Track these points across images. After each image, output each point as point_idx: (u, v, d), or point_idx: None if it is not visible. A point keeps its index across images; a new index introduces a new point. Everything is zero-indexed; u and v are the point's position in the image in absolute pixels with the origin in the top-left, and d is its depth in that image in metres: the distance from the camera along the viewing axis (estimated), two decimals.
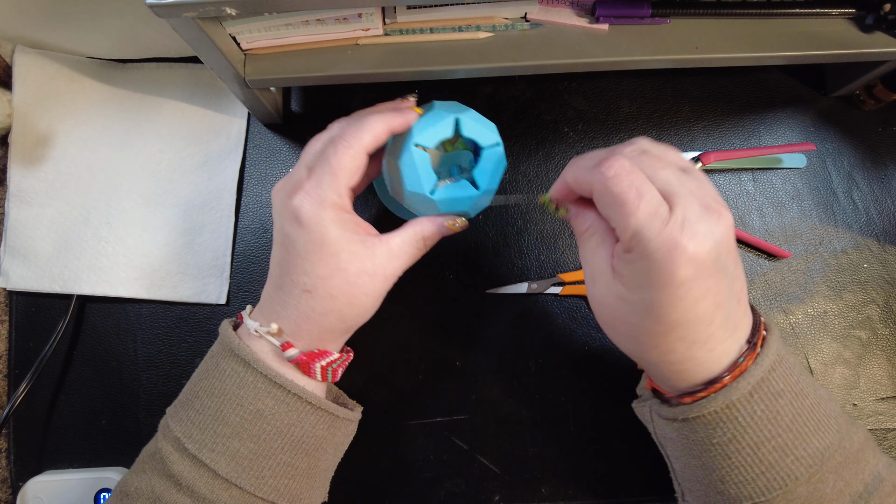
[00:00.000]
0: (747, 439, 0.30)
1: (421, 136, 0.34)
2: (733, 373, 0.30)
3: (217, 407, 0.33)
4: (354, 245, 0.34)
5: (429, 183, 0.35)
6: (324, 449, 0.36)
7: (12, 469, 0.45)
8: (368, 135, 0.34)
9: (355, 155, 0.33)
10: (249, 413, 0.33)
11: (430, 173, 0.35)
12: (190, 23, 0.32)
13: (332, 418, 0.36)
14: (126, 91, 0.48)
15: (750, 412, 0.30)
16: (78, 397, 0.45)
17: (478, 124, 0.36)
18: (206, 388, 0.34)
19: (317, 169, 0.33)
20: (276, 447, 0.34)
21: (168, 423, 0.35)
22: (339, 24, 0.37)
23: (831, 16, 0.40)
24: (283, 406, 0.34)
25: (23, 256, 0.45)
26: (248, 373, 0.34)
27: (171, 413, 0.35)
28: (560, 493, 0.44)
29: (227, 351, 0.34)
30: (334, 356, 0.36)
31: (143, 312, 0.46)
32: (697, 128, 0.49)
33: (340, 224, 0.33)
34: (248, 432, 0.33)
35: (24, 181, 0.46)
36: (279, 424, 0.34)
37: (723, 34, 0.39)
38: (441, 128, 0.35)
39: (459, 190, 0.36)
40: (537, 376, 0.45)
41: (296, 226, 0.33)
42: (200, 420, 0.33)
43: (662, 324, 0.29)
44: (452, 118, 0.35)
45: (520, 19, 0.39)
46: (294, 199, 0.33)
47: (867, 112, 0.49)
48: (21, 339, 0.46)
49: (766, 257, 0.47)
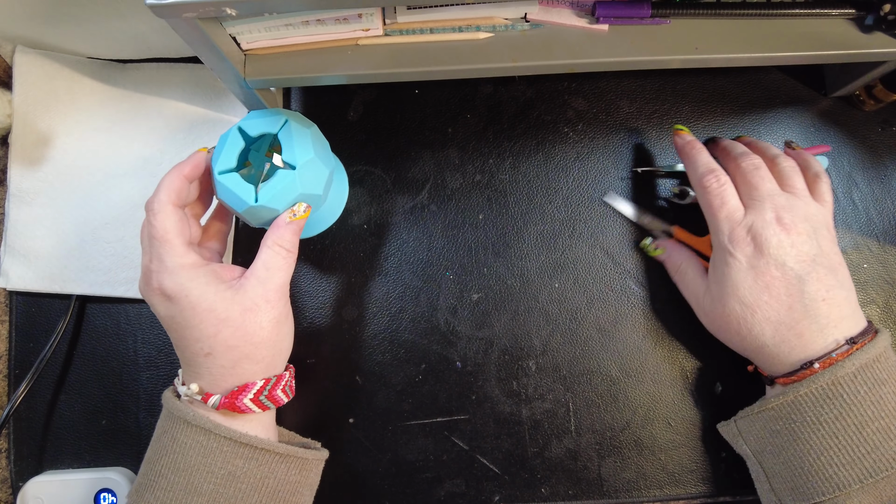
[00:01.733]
0: (852, 418, 0.34)
1: (219, 165, 0.36)
2: (823, 361, 0.35)
3: (186, 481, 0.34)
4: (222, 293, 0.35)
5: (248, 196, 0.35)
6: (300, 492, 0.38)
7: (12, 469, 0.45)
8: (165, 193, 0.35)
9: (167, 216, 0.35)
10: (221, 477, 0.34)
11: (245, 187, 0.36)
12: (190, 23, 0.32)
13: (303, 462, 0.38)
14: (126, 91, 0.47)
15: (854, 391, 0.34)
16: (78, 397, 0.45)
17: (260, 118, 0.37)
18: (170, 465, 0.35)
19: (150, 249, 0.35)
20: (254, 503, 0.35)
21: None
22: (339, 25, 0.37)
23: (831, 16, 0.40)
24: (254, 462, 0.35)
25: (23, 257, 0.45)
26: (211, 439, 0.35)
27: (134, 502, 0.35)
28: (560, 494, 0.44)
29: (182, 423, 0.35)
30: (258, 384, 0.36)
31: (143, 313, 0.46)
32: (698, 128, 0.49)
33: (200, 280, 0.35)
34: (224, 496, 0.34)
35: (24, 181, 0.46)
36: (253, 481, 0.35)
37: (723, 34, 0.39)
38: (230, 146, 0.36)
39: (280, 180, 0.36)
40: (537, 376, 0.45)
41: (166, 303, 0.35)
42: (171, 498, 0.34)
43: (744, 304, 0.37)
44: (235, 129, 0.37)
45: (520, 20, 0.39)
46: (152, 283, 0.35)
47: (867, 112, 0.49)
48: (21, 340, 0.46)
49: None
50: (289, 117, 0.37)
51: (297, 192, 0.36)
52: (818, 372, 0.35)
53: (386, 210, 0.47)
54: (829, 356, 0.35)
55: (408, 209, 0.47)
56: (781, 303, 0.36)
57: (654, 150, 0.48)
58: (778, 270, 0.36)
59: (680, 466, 0.44)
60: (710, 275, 0.40)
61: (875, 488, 0.34)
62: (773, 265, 0.36)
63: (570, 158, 0.48)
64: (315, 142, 0.37)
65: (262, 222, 0.37)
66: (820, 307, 0.36)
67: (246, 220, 0.37)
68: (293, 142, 0.36)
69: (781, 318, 0.36)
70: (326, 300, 0.46)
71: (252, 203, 0.35)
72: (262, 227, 0.38)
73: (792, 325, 0.36)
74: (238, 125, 0.37)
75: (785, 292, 0.36)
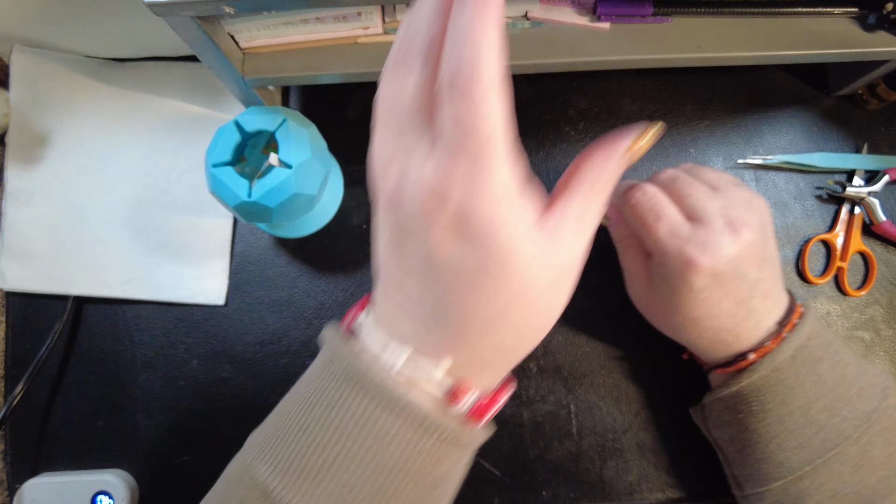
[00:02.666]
0: (796, 401, 0.34)
1: (213, 157, 0.36)
2: (757, 351, 0.35)
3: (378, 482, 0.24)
4: (542, 241, 0.23)
5: (242, 190, 0.35)
6: None
7: (9, 471, 0.44)
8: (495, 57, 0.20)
9: (499, 100, 0.21)
10: (426, 485, 0.25)
11: (239, 182, 0.35)
12: (188, 21, 0.32)
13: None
14: (124, 90, 0.47)
15: (795, 374, 0.34)
16: (75, 399, 0.45)
17: (258, 115, 0.37)
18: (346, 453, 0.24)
19: (453, 149, 0.21)
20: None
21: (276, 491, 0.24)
22: (339, 23, 0.37)
23: (834, 15, 0.40)
24: (459, 466, 0.28)
25: (19, 257, 0.45)
26: (425, 438, 0.24)
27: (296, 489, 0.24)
28: (561, 497, 0.44)
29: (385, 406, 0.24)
30: (508, 393, 0.28)
31: (140, 313, 0.46)
32: (700, 127, 0.48)
33: (519, 216, 0.22)
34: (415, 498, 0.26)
35: (20, 181, 0.46)
36: (453, 485, 0.28)
37: (725, 33, 0.39)
38: (226, 140, 0.36)
39: (275, 178, 0.35)
40: (538, 378, 0.45)
41: (457, 242, 0.22)
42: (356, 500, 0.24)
43: (689, 319, 0.35)
44: (232, 123, 0.36)
45: (520, 18, 0.39)
46: (446, 206, 0.22)
47: (870, 111, 0.49)
48: (18, 341, 0.45)
49: None
50: (287, 116, 0.37)
51: (291, 191, 0.36)
52: (756, 361, 0.35)
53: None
54: (762, 345, 0.35)
55: None
56: (727, 313, 0.34)
57: (654, 149, 0.48)
58: (733, 283, 0.33)
59: (682, 469, 0.44)
60: (653, 279, 0.37)
61: (826, 467, 0.33)
62: (728, 279, 0.33)
63: (571, 157, 0.47)
64: (312, 142, 0.37)
65: (253, 219, 0.37)
66: (759, 305, 0.35)
67: (237, 215, 0.37)
68: (290, 141, 0.36)
69: (724, 325, 0.35)
70: (326, 300, 0.46)
71: (245, 198, 0.35)
72: (253, 223, 0.38)
73: (731, 328, 0.35)
74: (235, 119, 0.37)
75: (734, 302, 0.34)
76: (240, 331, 0.45)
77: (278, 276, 0.46)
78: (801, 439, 0.34)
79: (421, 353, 0.25)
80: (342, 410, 0.25)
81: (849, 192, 0.46)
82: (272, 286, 0.46)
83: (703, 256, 0.32)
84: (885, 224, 0.46)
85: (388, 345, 0.25)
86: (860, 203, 0.47)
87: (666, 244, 0.34)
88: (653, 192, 0.35)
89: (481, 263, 0.22)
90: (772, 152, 0.48)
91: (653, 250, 0.35)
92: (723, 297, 0.34)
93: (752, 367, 0.35)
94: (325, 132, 0.41)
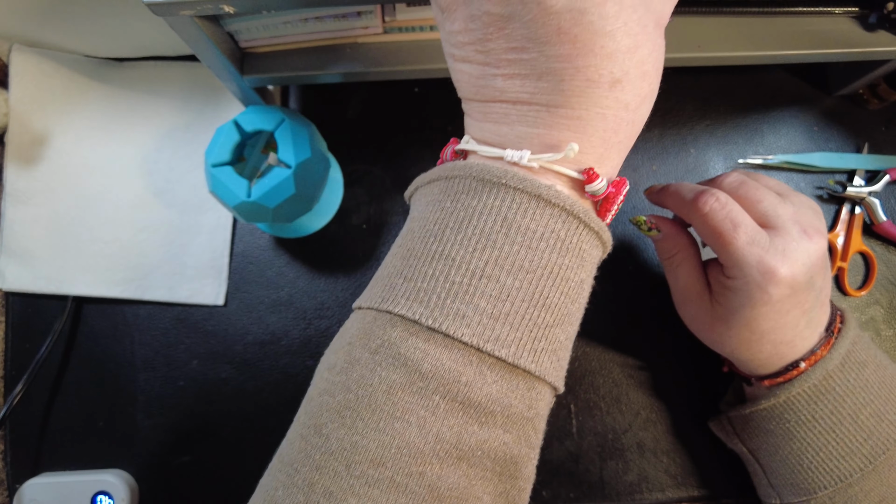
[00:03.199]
0: (846, 409, 0.34)
1: (213, 157, 0.36)
2: (808, 359, 0.34)
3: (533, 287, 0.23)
4: None
5: (241, 190, 0.35)
6: None
7: (9, 471, 0.44)
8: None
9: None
10: (573, 288, 0.24)
11: (238, 182, 0.35)
12: (187, 21, 0.32)
13: None
14: (123, 90, 0.47)
15: (844, 382, 0.34)
16: (74, 399, 0.45)
17: (257, 114, 0.37)
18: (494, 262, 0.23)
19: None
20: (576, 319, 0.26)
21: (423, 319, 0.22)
22: (338, 22, 0.37)
23: (834, 14, 0.40)
24: (591, 279, 0.26)
25: (19, 257, 0.45)
26: (572, 229, 0.23)
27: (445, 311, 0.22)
28: (561, 497, 0.44)
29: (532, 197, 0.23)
30: (627, 186, 0.25)
31: (140, 313, 0.46)
32: (700, 127, 0.48)
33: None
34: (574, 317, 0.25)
35: (20, 181, 0.46)
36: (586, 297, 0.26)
37: (725, 32, 0.39)
38: (225, 139, 0.36)
39: (275, 178, 0.35)
40: None
41: None
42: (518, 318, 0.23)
43: (756, 332, 0.33)
44: (231, 122, 0.36)
45: None
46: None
47: (871, 111, 0.49)
48: (17, 341, 0.45)
49: None
50: (286, 116, 0.37)
51: (290, 191, 0.36)
52: (806, 370, 0.34)
53: (385, 210, 0.47)
54: (812, 353, 0.34)
55: (407, 209, 0.47)
56: (792, 323, 0.33)
57: (655, 148, 0.48)
58: (803, 292, 0.32)
59: (682, 469, 0.44)
60: (716, 294, 0.35)
61: (875, 473, 0.34)
62: (801, 288, 0.32)
63: None
64: (312, 142, 0.37)
65: (253, 219, 0.37)
66: (817, 314, 0.34)
67: (237, 215, 0.37)
68: (290, 141, 0.36)
69: (786, 336, 0.33)
70: (326, 300, 0.46)
71: (244, 198, 0.35)
72: (253, 223, 0.38)
73: (791, 339, 0.34)
74: (235, 119, 0.37)
75: (800, 312, 0.33)
76: (239, 331, 0.45)
77: (278, 276, 0.46)
78: (851, 446, 0.34)
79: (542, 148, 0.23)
80: (482, 219, 0.23)
81: (849, 192, 0.46)
82: (272, 286, 0.46)
83: (783, 266, 0.31)
84: (886, 224, 0.46)
85: (505, 151, 0.24)
86: (861, 203, 0.47)
87: (744, 254, 0.31)
88: (726, 199, 0.32)
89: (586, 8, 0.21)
90: (772, 152, 0.48)
91: (727, 262, 0.32)
92: (793, 307, 0.32)
93: (802, 375, 0.34)
94: (325, 132, 0.41)
